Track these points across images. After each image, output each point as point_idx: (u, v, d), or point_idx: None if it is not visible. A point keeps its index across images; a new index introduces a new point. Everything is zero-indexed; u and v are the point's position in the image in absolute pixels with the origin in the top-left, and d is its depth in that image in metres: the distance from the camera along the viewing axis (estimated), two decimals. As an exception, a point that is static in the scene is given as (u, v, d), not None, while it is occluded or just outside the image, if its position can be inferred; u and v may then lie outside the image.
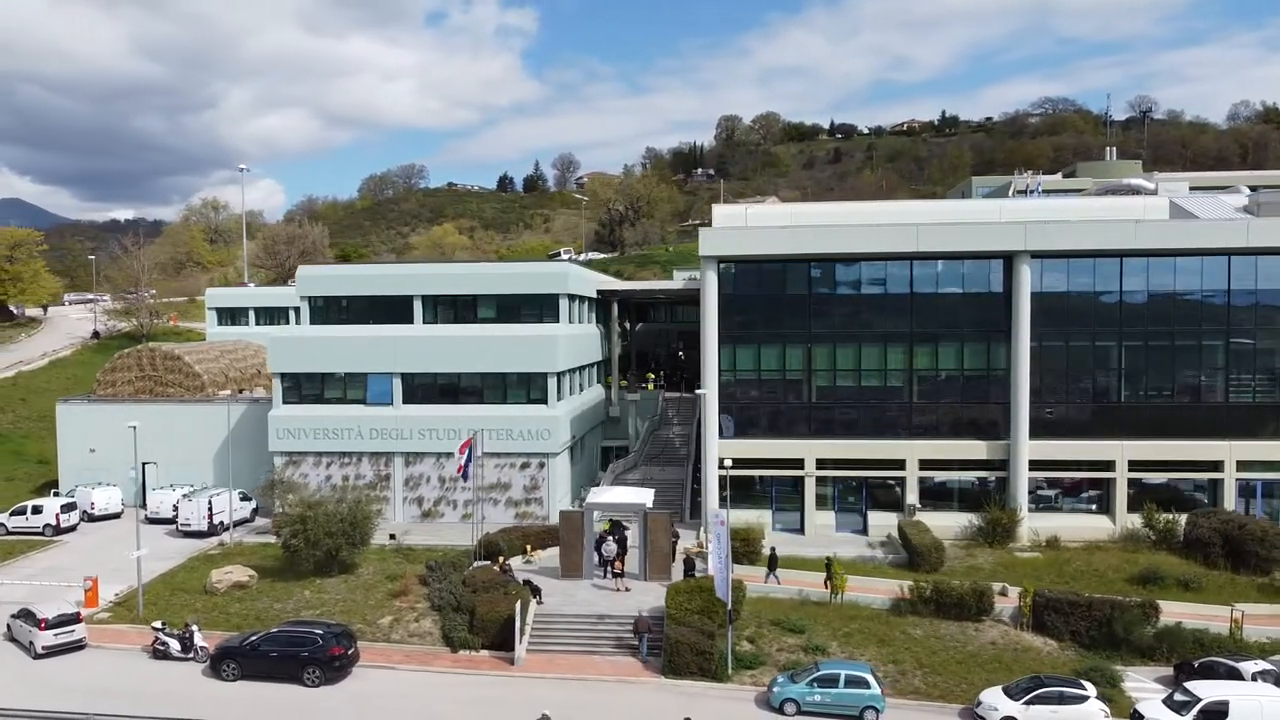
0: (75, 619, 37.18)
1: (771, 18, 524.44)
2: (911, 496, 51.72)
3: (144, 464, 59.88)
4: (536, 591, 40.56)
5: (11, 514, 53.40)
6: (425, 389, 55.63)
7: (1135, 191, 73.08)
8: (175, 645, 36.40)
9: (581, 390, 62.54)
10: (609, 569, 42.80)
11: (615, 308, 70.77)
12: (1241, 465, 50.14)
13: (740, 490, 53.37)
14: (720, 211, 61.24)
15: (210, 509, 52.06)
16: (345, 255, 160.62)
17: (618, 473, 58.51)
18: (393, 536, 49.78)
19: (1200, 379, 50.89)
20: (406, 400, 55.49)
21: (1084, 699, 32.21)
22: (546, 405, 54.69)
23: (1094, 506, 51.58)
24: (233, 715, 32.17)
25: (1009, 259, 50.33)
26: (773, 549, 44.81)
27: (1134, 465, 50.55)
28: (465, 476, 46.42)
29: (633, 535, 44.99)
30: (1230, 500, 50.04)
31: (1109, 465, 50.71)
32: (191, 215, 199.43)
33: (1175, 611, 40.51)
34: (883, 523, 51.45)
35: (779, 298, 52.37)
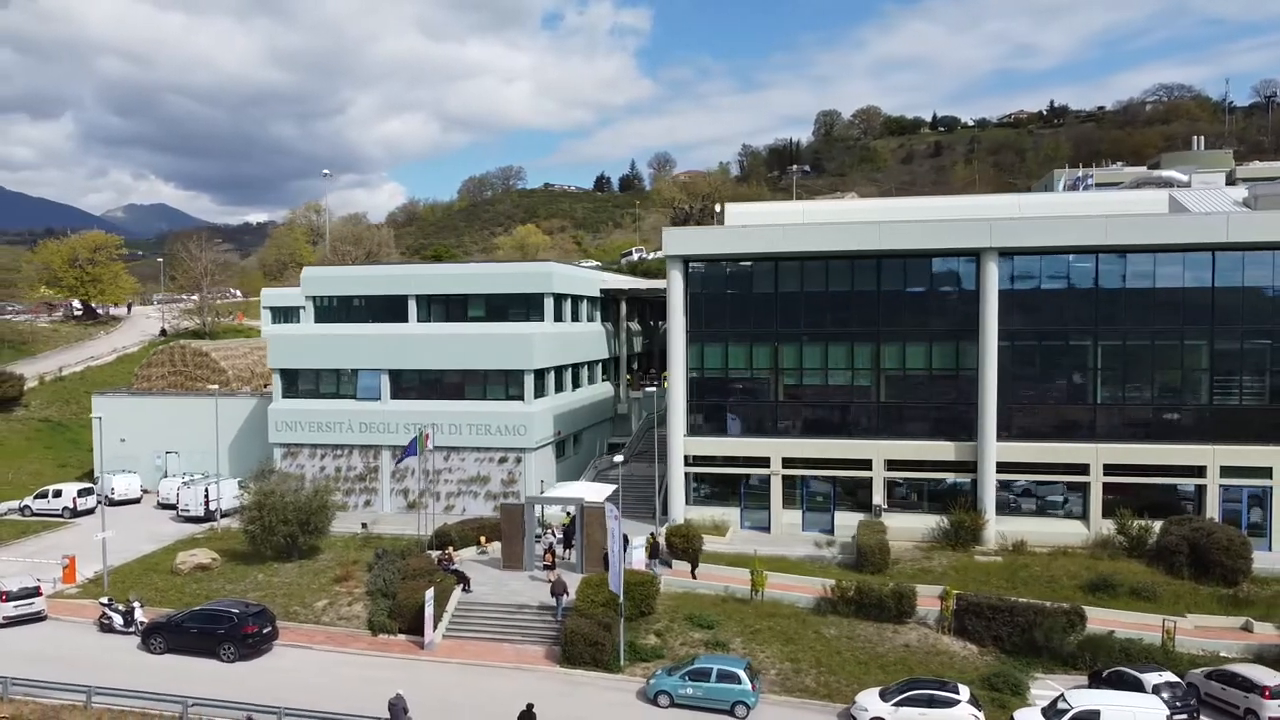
0: (35, 593, 40.69)
1: (889, 8, 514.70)
2: (878, 497, 51.13)
3: (167, 452, 64.39)
4: (464, 581, 42.13)
5: (35, 497, 58.26)
6: (411, 385, 58.02)
7: (1168, 184, 69.94)
8: (118, 620, 39.44)
9: (576, 387, 63.84)
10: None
11: (624, 306, 71.84)
12: (1226, 471, 47.77)
13: (711, 488, 53.98)
14: (733, 210, 61.75)
15: (207, 496, 55.56)
16: (437, 255, 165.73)
17: (600, 469, 59.63)
18: (364, 525, 52.20)
19: (1182, 380, 48.73)
20: (394, 396, 57.99)
21: (954, 703, 31.74)
22: (523, 402, 56.25)
23: (1070, 511, 49.93)
24: (151, 683, 34.58)
25: (977, 257, 49.27)
26: (652, 536, 46.02)
27: (1110, 469, 48.73)
28: (399, 460, 48.69)
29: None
30: (1214, 507, 47.77)
31: (1083, 469, 49.05)
32: (295, 218, 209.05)
33: (1118, 620, 39.36)
34: (849, 523, 50.94)
35: (746, 297, 52.56)
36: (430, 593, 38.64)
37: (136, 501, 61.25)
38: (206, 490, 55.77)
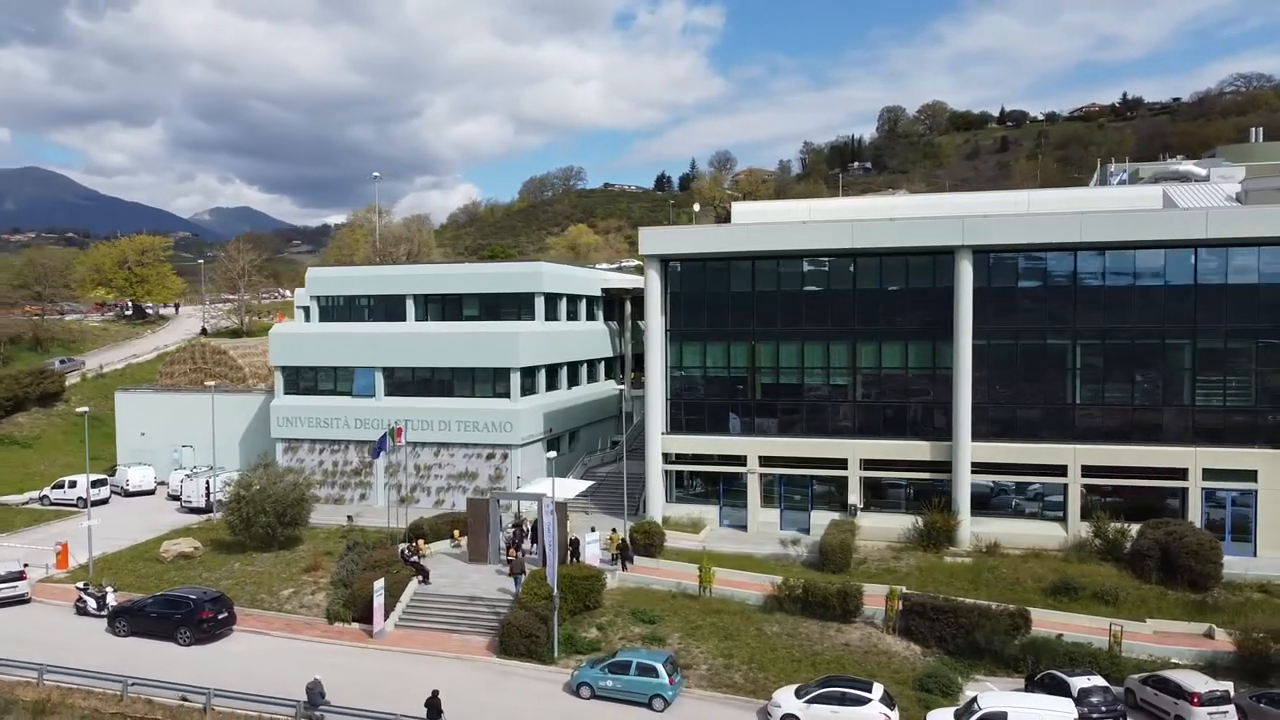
0: (19, 577, 43.12)
1: (966, 2, 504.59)
2: (853, 497, 50.91)
3: (183, 446, 67.12)
4: (423, 572, 43.28)
5: (53, 488, 61.38)
6: (405, 382, 59.60)
7: (1185, 179, 67.91)
8: (92, 604, 41.59)
9: (573, 385, 64.70)
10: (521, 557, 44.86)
11: (629, 305, 72.44)
12: (1209, 474, 46.42)
13: (693, 486, 54.41)
14: (740, 209, 61.92)
15: (208, 488, 57.86)
16: (493, 255, 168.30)
17: (590, 465, 60.42)
18: (350, 518, 53.86)
19: (1163, 380, 47.50)
20: (388, 393, 59.63)
21: (865, 701, 31.70)
22: (509, 399, 57.33)
23: (1048, 513, 49.04)
24: (111, 663, 36.37)
25: (951, 255, 48.72)
26: (614, 531, 46.67)
27: (1088, 471, 47.77)
28: (375, 455, 50.04)
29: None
30: (1196, 511, 46.49)
31: (1061, 470, 48.16)
32: (357, 220, 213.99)
33: (1070, 624, 38.78)
34: (825, 522, 50.87)
35: (724, 295, 52.80)
36: (380, 583, 39.85)
37: (151, 493, 64.04)
38: (207, 483, 58.07)
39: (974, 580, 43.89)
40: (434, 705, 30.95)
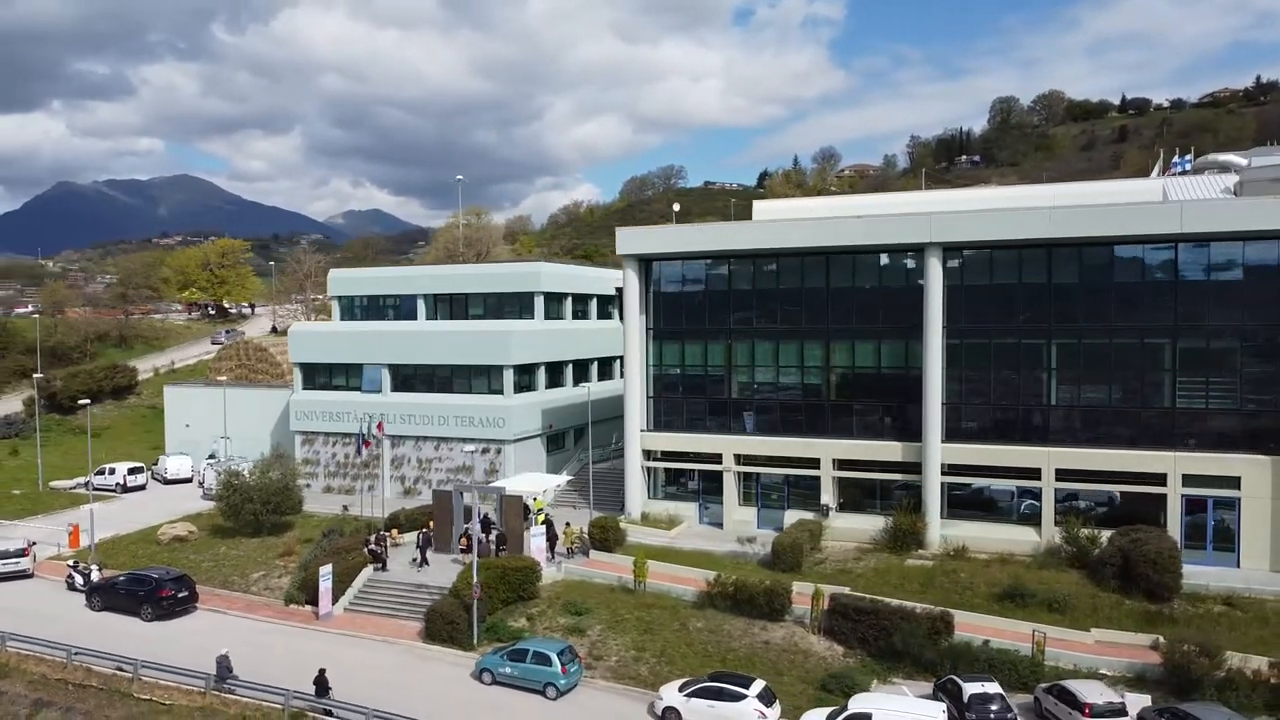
0: (23, 553, 47.13)
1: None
2: (826, 496, 50.52)
3: (221, 437, 71.42)
4: (381, 560, 45.27)
5: (95, 474, 66.23)
6: (409, 378, 62.01)
7: (1226, 168, 64.32)
8: (80, 580, 45.14)
9: (581, 382, 65.78)
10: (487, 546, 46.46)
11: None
12: (1189, 480, 44.25)
13: (675, 483, 54.97)
14: (761, 206, 62.36)
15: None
16: (587, 255, 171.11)
17: (584, 462, 61.49)
18: (345, 508, 56.38)
19: (1143, 382, 45.51)
20: (395, 389, 62.19)
21: (741, 697, 31.93)
22: (502, 396, 59.02)
23: (1022, 517, 47.61)
24: (80, 634, 39.63)
25: (921, 252, 47.86)
26: (568, 525, 47.88)
27: (1062, 475, 46.16)
28: (358, 452, 52.05)
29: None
30: (1176, 519, 44.40)
31: (1034, 473, 46.70)
32: (456, 221, 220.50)
33: (1008, 631, 37.82)
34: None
35: (702, 294, 53.22)
36: (326, 569, 42.02)
37: (188, 481, 68.40)
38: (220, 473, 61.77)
39: (926, 583, 43.10)
40: (321, 682, 32.75)
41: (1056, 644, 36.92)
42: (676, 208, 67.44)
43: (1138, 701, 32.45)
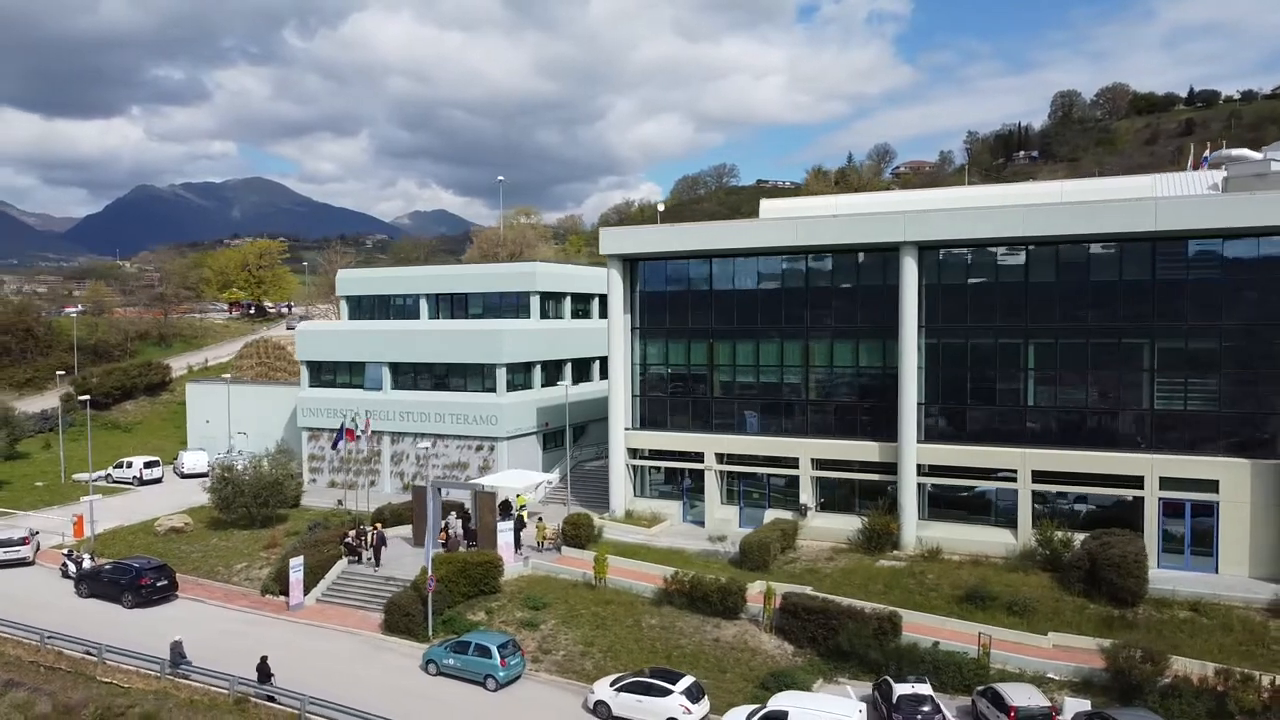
0: (23, 542, 49.36)
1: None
2: (804, 496, 50.43)
3: (239, 433, 73.66)
4: (354, 552, 46.46)
5: (114, 467, 68.83)
6: (408, 377, 63.32)
7: (1240, 163, 62.29)
8: (73, 568, 47.14)
9: (581, 381, 66.63)
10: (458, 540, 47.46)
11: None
12: (1166, 483, 43.27)
13: (661, 481, 55.31)
14: (767, 205, 62.46)
15: (232, 471, 63.54)
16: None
17: (578, 459, 62.17)
18: (340, 502, 57.94)
19: (1121, 383, 44.58)
20: (395, 386, 63.56)
21: (667, 692, 32.26)
22: (495, 394, 59.96)
23: (998, 519, 46.97)
24: (67, 619, 41.52)
25: (897, 251, 47.52)
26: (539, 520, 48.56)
27: (1039, 476, 45.48)
28: (335, 445, 53.51)
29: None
30: (1152, 522, 43.47)
31: (1011, 475, 46.08)
32: (505, 220, 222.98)
33: (962, 633, 37.48)
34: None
35: (684, 294, 53.45)
36: (297, 560, 43.31)
37: (205, 475, 70.41)
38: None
39: (890, 584, 42.83)
40: (263, 669, 33.89)
41: (1012, 647, 36.61)
42: (661, 207, 67.68)
43: (1076, 706, 32.08)
